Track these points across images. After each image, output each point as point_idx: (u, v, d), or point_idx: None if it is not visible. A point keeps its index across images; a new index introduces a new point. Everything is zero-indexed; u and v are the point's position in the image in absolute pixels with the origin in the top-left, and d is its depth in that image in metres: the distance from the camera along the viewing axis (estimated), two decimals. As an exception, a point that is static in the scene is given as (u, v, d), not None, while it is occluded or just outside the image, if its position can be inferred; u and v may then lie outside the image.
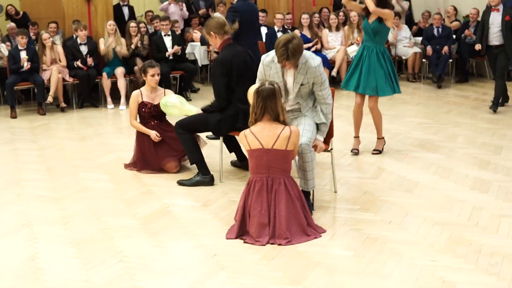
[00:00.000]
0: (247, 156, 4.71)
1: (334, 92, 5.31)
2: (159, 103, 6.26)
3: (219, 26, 5.72)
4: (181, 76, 10.89)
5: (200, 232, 4.71)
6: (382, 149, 6.82)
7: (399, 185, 5.70)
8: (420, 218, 4.85)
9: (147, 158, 6.33)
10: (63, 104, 9.97)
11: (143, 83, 6.46)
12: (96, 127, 8.76)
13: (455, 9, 12.43)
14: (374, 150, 6.82)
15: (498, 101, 8.86)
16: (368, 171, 6.18)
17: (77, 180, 6.18)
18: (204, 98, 10.07)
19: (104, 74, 10.20)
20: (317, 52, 10.84)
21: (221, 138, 6.02)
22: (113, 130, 8.66)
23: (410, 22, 12.95)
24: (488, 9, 8.93)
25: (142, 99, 6.36)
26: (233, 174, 6.18)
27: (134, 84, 10.70)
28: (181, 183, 5.85)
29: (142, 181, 6.06)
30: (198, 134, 6.13)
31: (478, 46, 9.10)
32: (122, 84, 10.18)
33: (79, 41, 10.21)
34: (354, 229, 4.67)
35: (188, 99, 10.17)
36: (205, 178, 5.81)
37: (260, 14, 11.66)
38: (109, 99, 10.21)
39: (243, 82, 5.62)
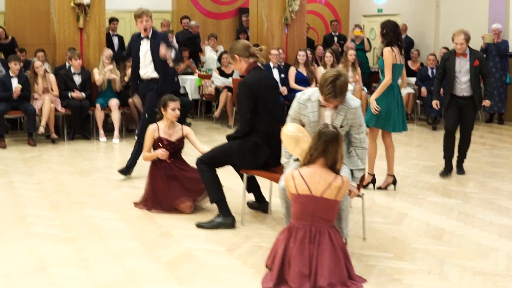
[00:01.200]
0: (291, 200, 4.39)
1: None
2: (175, 140, 6.00)
3: (244, 48, 5.48)
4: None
5: (233, 280, 4.45)
6: (367, 185, 6.89)
7: (426, 232, 5.54)
8: (459, 268, 4.69)
9: (159, 197, 6.02)
10: (54, 135, 9.59)
11: (160, 118, 6.14)
12: (93, 161, 8.42)
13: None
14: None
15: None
16: (389, 216, 6.01)
17: (85, 218, 5.86)
18: (197, 133, 9.78)
19: (98, 105, 9.87)
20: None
21: (245, 177, 5.62)
22: (111, 164, 8.31)
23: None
24: (452, 55, 7.42)
25: (158, 134, 6.07)
26: (253, 217, 5.91)
27: (127, 116, 10.42)
28: (200, 225, 5.55)
29: (157, 222, 5.76)
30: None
31: (435, 103, 7.61)
32: (116, 116, 9.85)
33: (72, 70, 9.88)
34: (394, 279, 4.48)
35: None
36: (226, 220, 5.51)
37: (254, 49, 11.53)
38: (101, 131, 9.86)
39: (267, 108, 5.42)
